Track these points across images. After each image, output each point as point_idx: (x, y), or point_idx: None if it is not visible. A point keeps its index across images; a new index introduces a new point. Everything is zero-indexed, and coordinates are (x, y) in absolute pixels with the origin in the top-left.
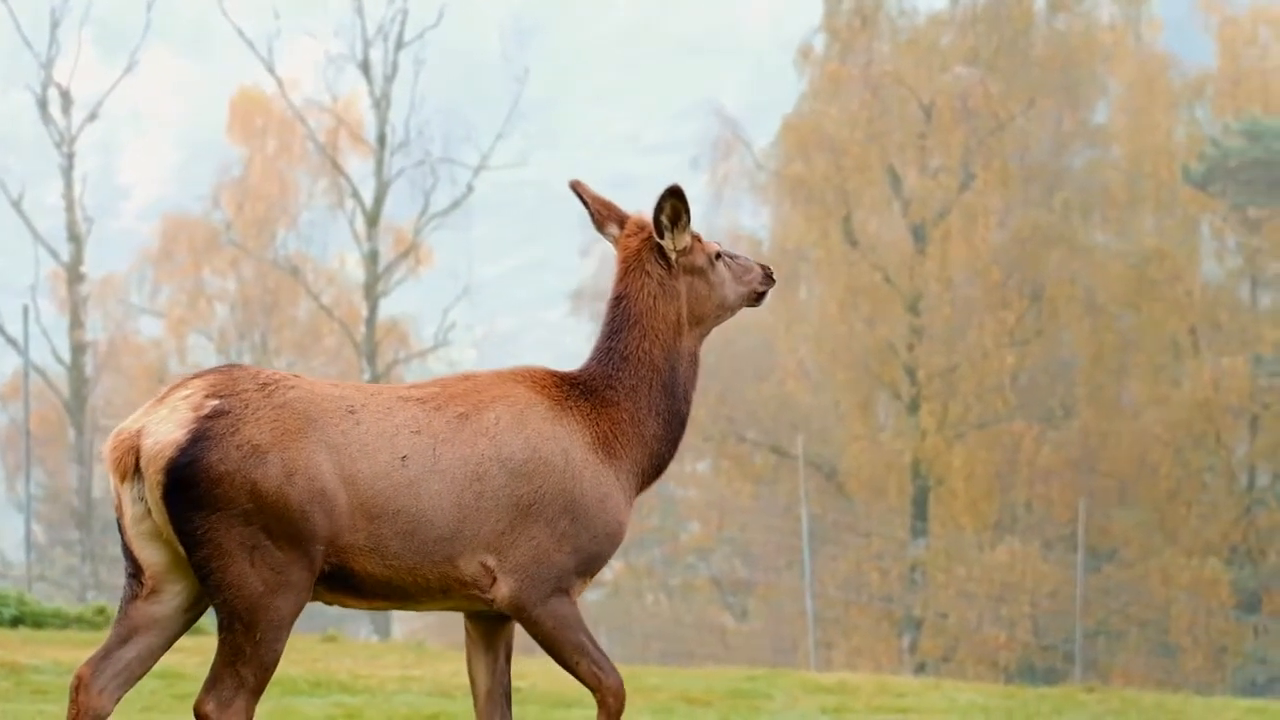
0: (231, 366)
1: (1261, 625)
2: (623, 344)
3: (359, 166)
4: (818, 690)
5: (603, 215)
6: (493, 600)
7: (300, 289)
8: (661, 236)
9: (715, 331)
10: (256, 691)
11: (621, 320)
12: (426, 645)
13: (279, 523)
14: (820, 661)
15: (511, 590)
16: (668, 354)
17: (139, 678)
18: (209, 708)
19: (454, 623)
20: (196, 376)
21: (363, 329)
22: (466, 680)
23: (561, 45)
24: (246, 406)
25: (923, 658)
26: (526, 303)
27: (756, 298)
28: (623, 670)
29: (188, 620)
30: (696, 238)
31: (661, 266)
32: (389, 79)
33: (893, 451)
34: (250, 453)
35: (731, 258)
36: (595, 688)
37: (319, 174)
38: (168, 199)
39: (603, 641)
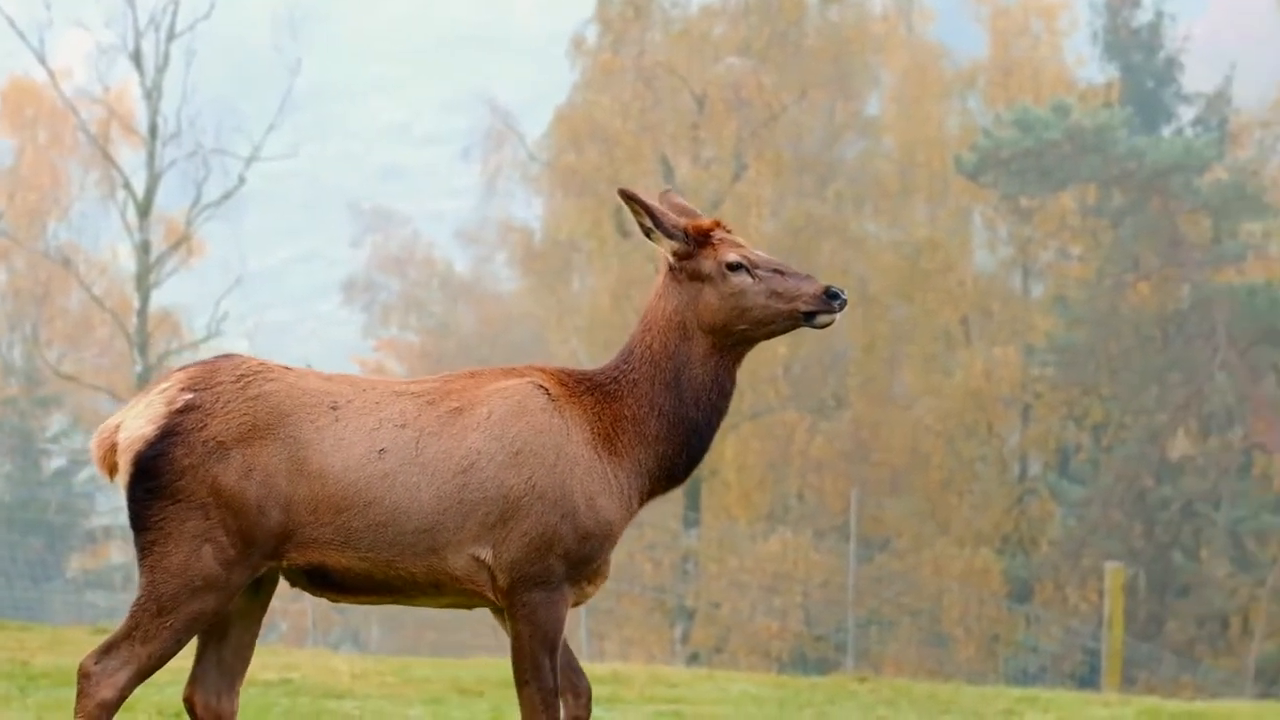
0: (221, 357)
1: (1033, 614)
2: (632, 341)
3: (131, 157)
4: (590, 680)
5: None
6: (494, 597)
7: (72, 280)
8: (650, 238)
9: (491, 322)
10: (143, 674)
11: (639, 320)
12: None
13: (236, 519)
14: (593, 652)
15: (501, 583)
16: (670, 352)
17: (244, 670)
18: (93, 668)
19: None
20: (182, 369)
21: (134, 320)
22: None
23: (334, 36)
24: (218, 400)
25: (695, 648)
26: (298, 294)
27: (803, 318)
28: (394, 662)
29: (263, 599)
30: (714, 244)
31: (670, 269)
32: (161, 70)
33: None
34: (215, 448)
35: (777, 271)
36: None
37: (90, 165)
38: None
39: (374, 633)
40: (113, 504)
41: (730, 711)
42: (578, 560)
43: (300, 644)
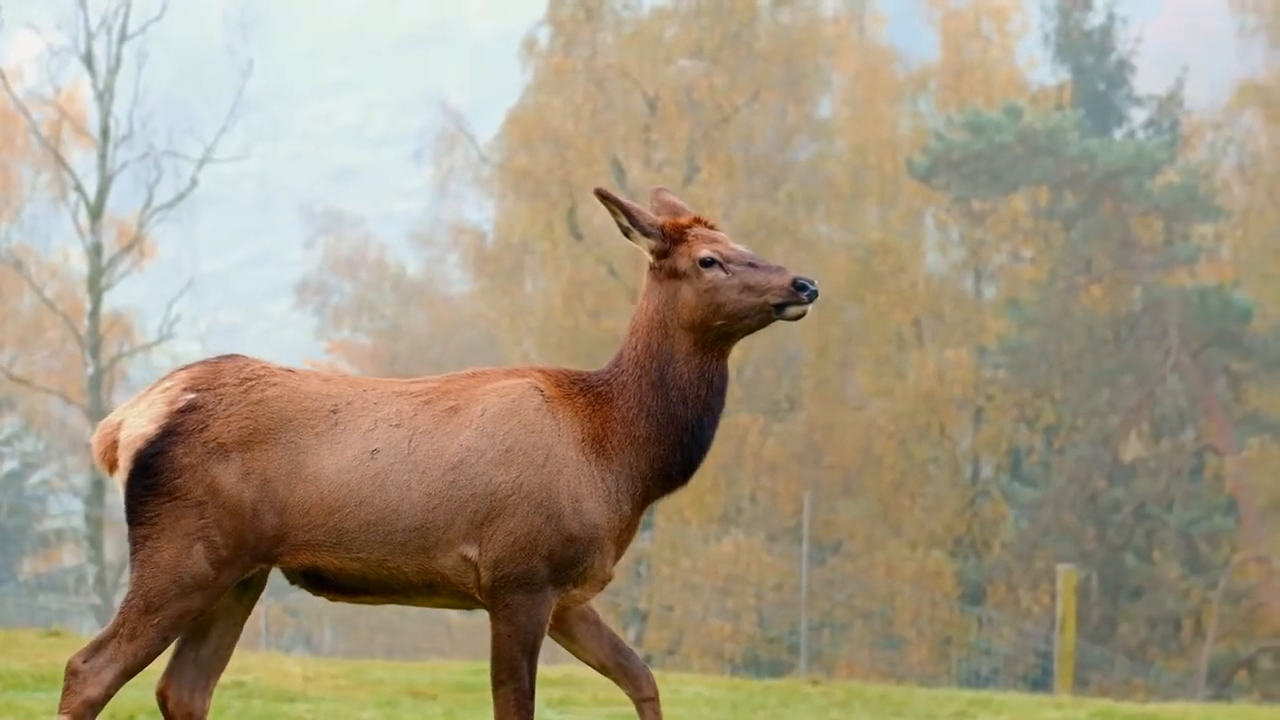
0: (225, 358)
1: (985, 617)
2: (623, 343)
3: (82, 159)
4: (543, 683)
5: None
6: (481, 597)
7: (23, 282)
8: (629, 238)
9: (443, 324)
10: (129, 673)
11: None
12: None
13: (231, 520)
14: (545, 655)
15: (485, 582)
16: (654, 352)
17: (221, 670)
18: (81, 666)
19: None
20: (185, 368)
21: (86, 322)
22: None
23: (286, 38)
24: (220, 402)
25: (648, 650)
26: (250, 296)
27: (773, 310)
28: (347, 664)
29: (248, 601)
30: (689, 240)
31: (651, 268)
32: (112, 72)
33: None
34: (215, 449)
35: (750, 265)
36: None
37: (42, 167)
38: None
39: (326, 635)
40: (65, 507)
41: (684, 714)
42: (562, 563)
43: (253, 646)
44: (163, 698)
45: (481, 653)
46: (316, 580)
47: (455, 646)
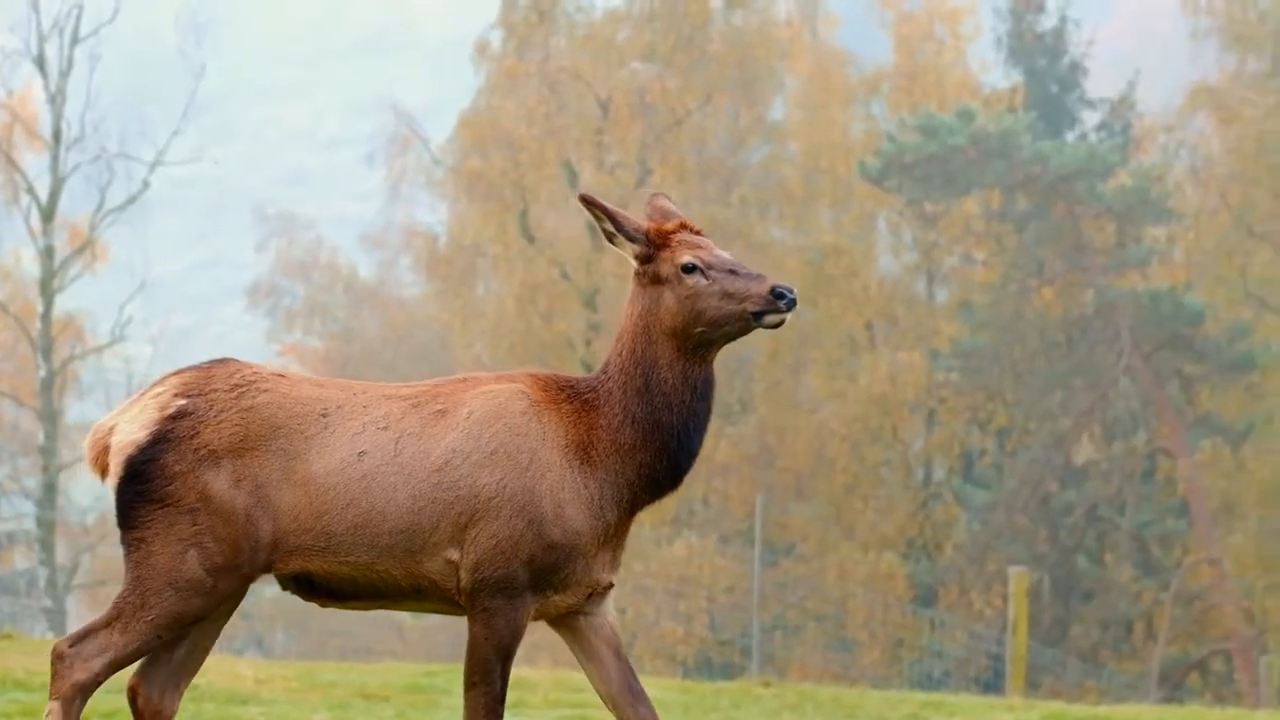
0: (216, 363)
1: (938, 619)
2: (610, 349)
3: (34, 162)
4: None
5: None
6: (461, 600)
7: None
8: (612, 243)
9: (396, 327)
10: (118, 664)
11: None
12: None
13: (225, 526)
14: None
15: (464, 585)
16: (638, 358)
17: (194, 672)
18: (66, 650)
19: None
20: (176, 373)
21: (38, 325)
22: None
23: (238, 40)
24: (211, 408)
25: None
26: (203, 298)
27: (752, 318)
28: (299, 667)
29: (227, 608)
30: (672, 246)
31: (636, 273)
32: (65, 74)
33: None
34: (206, 456)
35: (731, 272)
36: None
37: None
38: None
39: (279, 638)
40: (15, 510)
41: None
42: (543, 569)
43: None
44: (133, 694)
45: (433, 655)
46: (308, 585)
47: (407, 649)
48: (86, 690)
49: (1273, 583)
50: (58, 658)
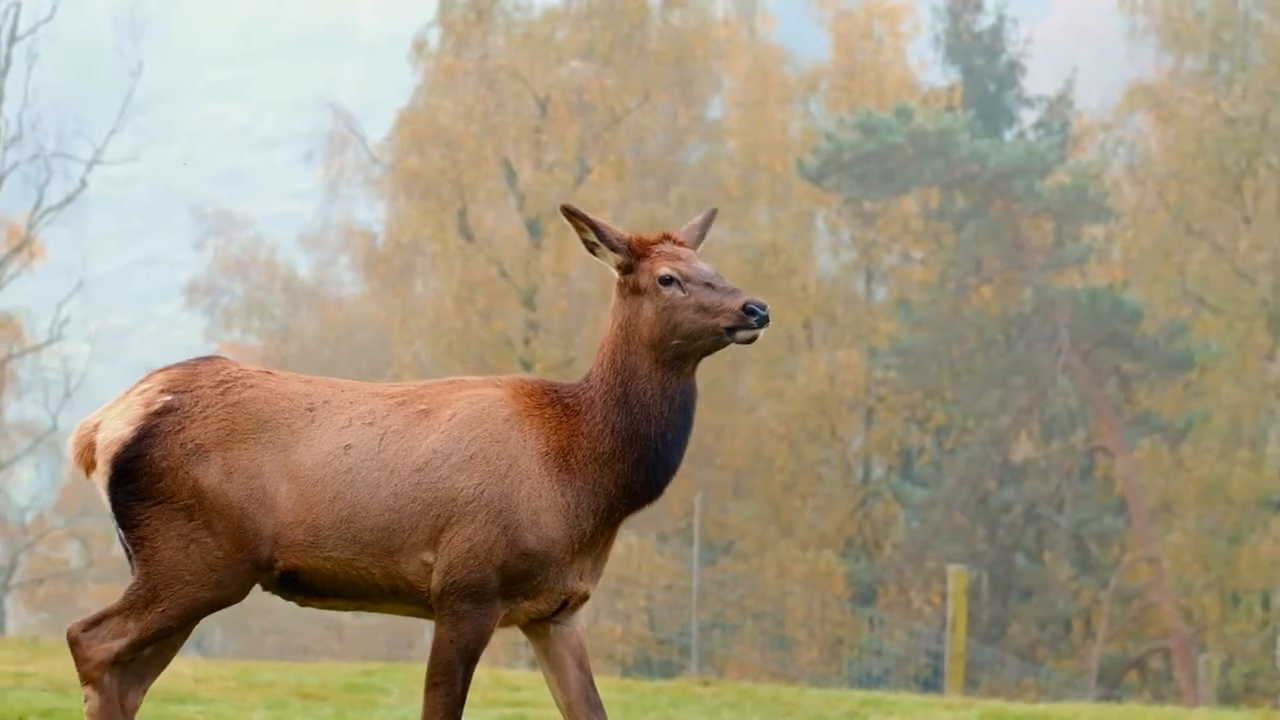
0: (202, 360)
1: (876, 617)
2: (594, 359)
3: None
4: None
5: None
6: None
7: None
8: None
9: (334, 326)
10: (134, 646)
11: None
12: (41, 641)
13: (221, 520)
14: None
15: (435, 587)
16: (618, 369)
17: (159, 671)
18: (80, 635)
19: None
20: (162, 370)
21: None
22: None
23: (175, 39)
24: (197, 404)
25: None
26: (141, 297)
27: (726, 333)
28: (237, 666)
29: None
30: (650, 256)
31: (618, 284)
32: (2, 73)
33: None
34: (193, 451)
35: (708, 285)
36: None
37: None
38: None
39: (217, 637)
40: None
41: None
42: (515, 576)
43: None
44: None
45: (370, 654)
46: (291, 582)
47: (345, 648)
48: (106, 665)
49: (1210, 581)
50: (73, 643)
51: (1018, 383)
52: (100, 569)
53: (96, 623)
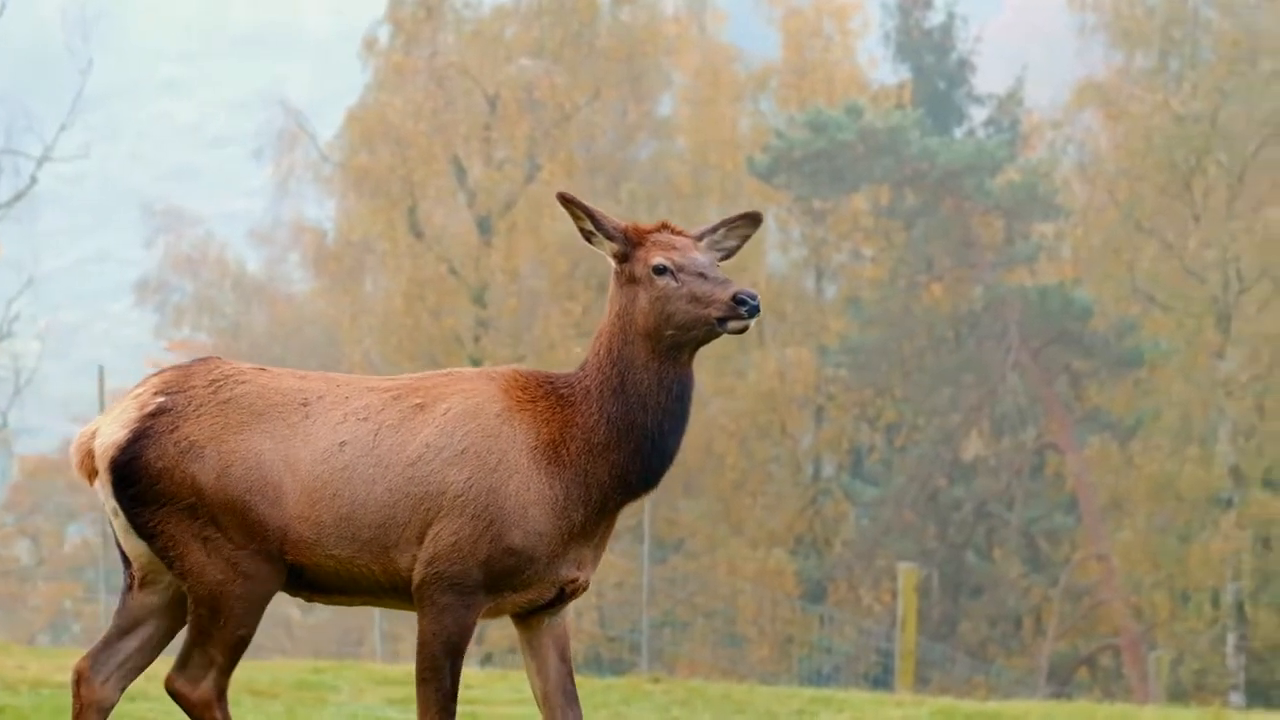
0: (197, 361)
1: (827, 615)
2: (589, 348)
3: None
4: (385, 682)
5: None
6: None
7: None
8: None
9: (284, 323)
10: (226, 670)
11: None
12: None
13: (225, 514)
14: (387, 654)
15: (417, 578)
16: (614, 358)
17: (143, 667)
18: (179, 684)
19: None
20: (157, 374)
21: None
22: (30, 674)
23: (125, 36)
24: (190, 403)
25: (490, 649)
26: (91, 294)
27: (717, 324)
28: None
29: (185, 610)
30: (645, 245)
31: (615, 273)
32: None
33: None
34: (188, 448)
35: (699, 275)
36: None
37: None
38: None
39: None
40: None
41: (525, 712)
42: (500, 571)
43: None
44: (78, 680)
45: (321, 652)
46: (296, 578)
47: (296, 645)
48: (210, 702)
49: (1160, 578)
50: (176, 696)
51: (968, 380)
52: (50, 567)
53: (184, 665)
